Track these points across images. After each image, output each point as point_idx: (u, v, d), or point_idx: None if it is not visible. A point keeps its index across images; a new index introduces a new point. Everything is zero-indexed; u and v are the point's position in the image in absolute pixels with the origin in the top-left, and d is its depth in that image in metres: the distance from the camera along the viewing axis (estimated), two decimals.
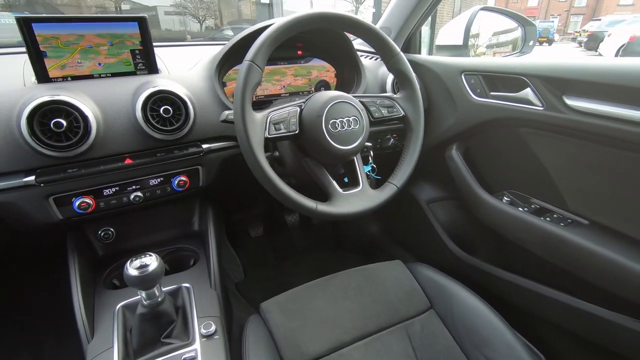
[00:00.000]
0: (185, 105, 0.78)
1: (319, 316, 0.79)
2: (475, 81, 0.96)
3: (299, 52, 1.03)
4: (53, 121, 0.65)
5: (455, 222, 1.20)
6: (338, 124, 0.73)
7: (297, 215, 1.55)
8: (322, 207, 0.72)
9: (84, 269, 0.79)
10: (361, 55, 1.08)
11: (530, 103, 0.83)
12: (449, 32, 1.14)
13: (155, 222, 0.96)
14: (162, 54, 0.90)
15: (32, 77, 0.74)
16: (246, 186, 1.15)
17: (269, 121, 0.71)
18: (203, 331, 0.68)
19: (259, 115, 0.70)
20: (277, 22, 0.69)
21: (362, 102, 0.80)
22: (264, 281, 1.38)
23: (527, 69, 0.84)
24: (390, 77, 1.07)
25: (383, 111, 0.83)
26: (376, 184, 0.90)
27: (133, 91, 0.76)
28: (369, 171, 0.97)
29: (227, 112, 0.78)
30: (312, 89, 1.08)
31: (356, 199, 0.77)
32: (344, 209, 0.74)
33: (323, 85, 1.10)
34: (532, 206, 0.93)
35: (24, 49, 0.85)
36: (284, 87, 1.04)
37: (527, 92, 0.84)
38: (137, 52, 0.81)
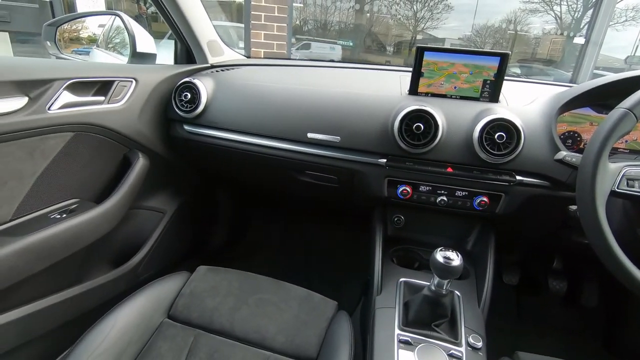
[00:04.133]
0: (519, 135, 0.82)
1: None
2: None
3: None
4: (415, 125, 0.85)
5: None
6: None
7: (565, 284, 1.32)
8: None
9: (383, 240, 0.99)
10: None
11: None
12: None
13: (436, 227, 1.07)
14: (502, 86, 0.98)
15: (405, 89, 0.98)
16: (533, 230, 1.08)
17: (623, 175, 0.65)
18: (471, 341, 0.71)
19: (613, 167, 0.65)
20: None
21: None
22: (502, 331, 1.27)
23: None
24: None
25: None
26: None
27: (475, 114, 0.88)
28: None
29: (564, 152, 0.77)
30: None
31: None
32: None
33: None
34: None
35: (397, 67, 1.14)
36: (626, 141, 0.91)
37: None
38: (488, 82, 0.92)
